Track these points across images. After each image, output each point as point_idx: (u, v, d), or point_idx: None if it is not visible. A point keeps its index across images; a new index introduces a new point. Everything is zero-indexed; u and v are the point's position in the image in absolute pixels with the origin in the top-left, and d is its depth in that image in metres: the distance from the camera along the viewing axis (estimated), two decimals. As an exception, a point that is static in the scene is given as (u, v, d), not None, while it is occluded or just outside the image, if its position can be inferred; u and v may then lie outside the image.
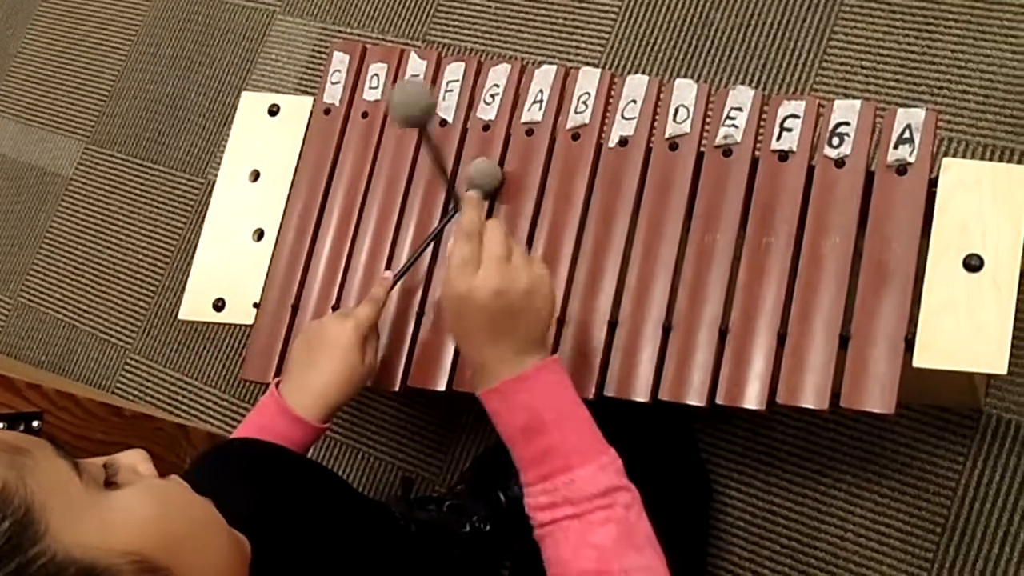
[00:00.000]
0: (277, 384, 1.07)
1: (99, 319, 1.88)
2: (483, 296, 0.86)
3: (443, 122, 1.21)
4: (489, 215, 1.06)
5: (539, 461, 0.84)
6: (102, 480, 0.63)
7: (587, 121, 1.13)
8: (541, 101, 1.16)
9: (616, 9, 1.64)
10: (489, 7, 1.74)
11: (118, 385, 1.82)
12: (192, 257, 1.30)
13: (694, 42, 1.57)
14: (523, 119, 1.16)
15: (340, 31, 1.85)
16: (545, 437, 0.84)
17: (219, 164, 1.42)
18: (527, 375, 0.86)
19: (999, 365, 0.93)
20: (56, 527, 0.57)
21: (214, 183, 1.32)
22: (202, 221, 1.33)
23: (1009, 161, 1.33)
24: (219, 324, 1.29)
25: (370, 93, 1.26)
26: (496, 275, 0.87)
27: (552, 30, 1.67)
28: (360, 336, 1.05)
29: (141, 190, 1.93)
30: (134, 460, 0.68)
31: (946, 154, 1.36)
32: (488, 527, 1.02)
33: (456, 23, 1.76)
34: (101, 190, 1.98)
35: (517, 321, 0.87)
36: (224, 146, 1.73)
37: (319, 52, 1.85)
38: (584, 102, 1.14)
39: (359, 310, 1.07)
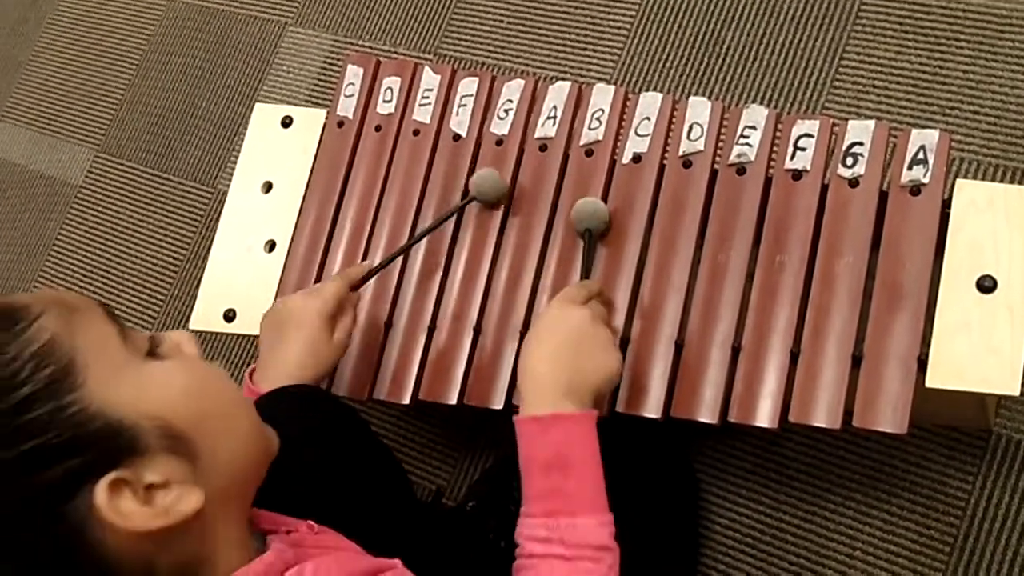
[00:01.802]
0: (251, 373, 1.05)
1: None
2: (575, 317, 0.94)
3: (456, 136, 1.21)
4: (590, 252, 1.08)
5: (549, 497, 0.86)
6: (145, 350, 0.68)
7: (600, 137, 1.14)
8: (555, 117, 1.17)
9: (628, 26, 1.64)
10: (501, 21, 1.74)
11: (125, 394, 1.81)
12: (202, 267, 1.30)
13: (706, 60, 1.57)
14: (536, 135, 1.17)
15: (352, 43, 1.86)
16: (564, 478, 0.86)
17: (230, 174, 1.43)
18: (569, 416, 0.88)
19: (1012, 386, 0.93)
20: (93, 383, 0.62)
21: (224, 193, 1.33)
22: (212, 231, 1.33)
23: (1021, 182, 1.33)
24: (229, 335, 1.29)
25: (383, 107, 1.27)
26: (594, 316, 0.95)
27: (564, 45, 1.68)
28: (326, 312, 1.03)
29: (151, 199, 1.94)
30: (180, 338, 0.72)
31: (957, 174, 1.36)
32: (503, 543, 1.02)
33: (468, 37, 1.76)
34: (111, 199, 1.98)
35: (583, 359, 0.92)
36: (235, 156, 1.74)
37: (331, 64, 1.86)
38: (598, 118, 1.15)
39: (325, 286, 1.06)
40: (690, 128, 1.10)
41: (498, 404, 1.09)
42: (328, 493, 0.87)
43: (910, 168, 1.01)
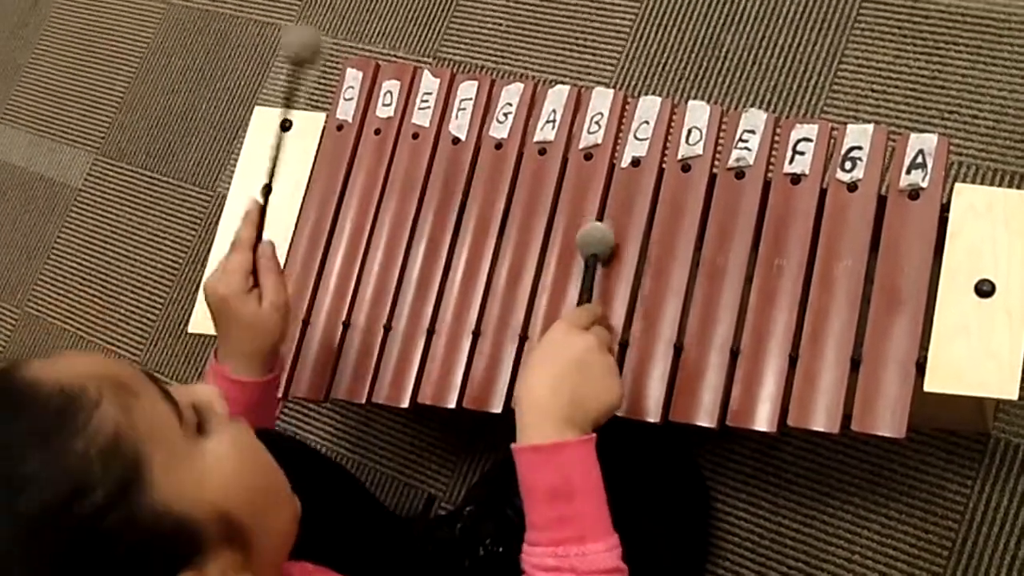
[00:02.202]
0: (215, 353, 1.05)
1: (106, 330, 1.88)
2: (575, 344, 0.92)
3: (455, 140, 1.21)
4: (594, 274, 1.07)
5: (556, 526, 0.86)
6: (195, 425, 0.64)
7: (599, 141, 1.14)
8: (554, 121, 1.17)
9: (627, 29, 1.64)
10: (501, 25, 1.74)
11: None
12: (201, 269, 1.31)
13: (705, 63, 1.57)
14: (536, 138, 1.17)
15: (351, 46, 1.86)
16: (569, 505, 0.86)
17: (229, 177, 1.42)
18: (570, 444, 0.88)
19: (1010, 390, 0.94)
20: (160, 477, 0.58)
21: (224, 196, 1.33)
22: (211, 233, 1.33)
23: (1019, 186, 1.33)
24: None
25: (383, 110, 1.27)
26: (595, 343, 0.93)
27: (564, 49, 1.68)
28: (236, 291, 1.00)
29: (150, 202, 1.94)
30: (210, 397, 0.69)
31: (956, 178, 1.36)
32: (501, 549, 1.02)
33: (468, 40, 1.76)
34: (110, 201, 1.98)
35: (584, 388, 0.91)
36: (234, 159, 1.74)
37: (330, 67, 1.86)
38: (597, 122, 1.15)
39: (230, 261, 1.03)
40: (689, 132, 1.10)
41: (497, 408, 1.09)
42: (313, 533, 0.85)
43: (909, 172, 1.01)
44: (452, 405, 1.11)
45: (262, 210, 1.07)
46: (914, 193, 1.01)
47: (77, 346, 1.89)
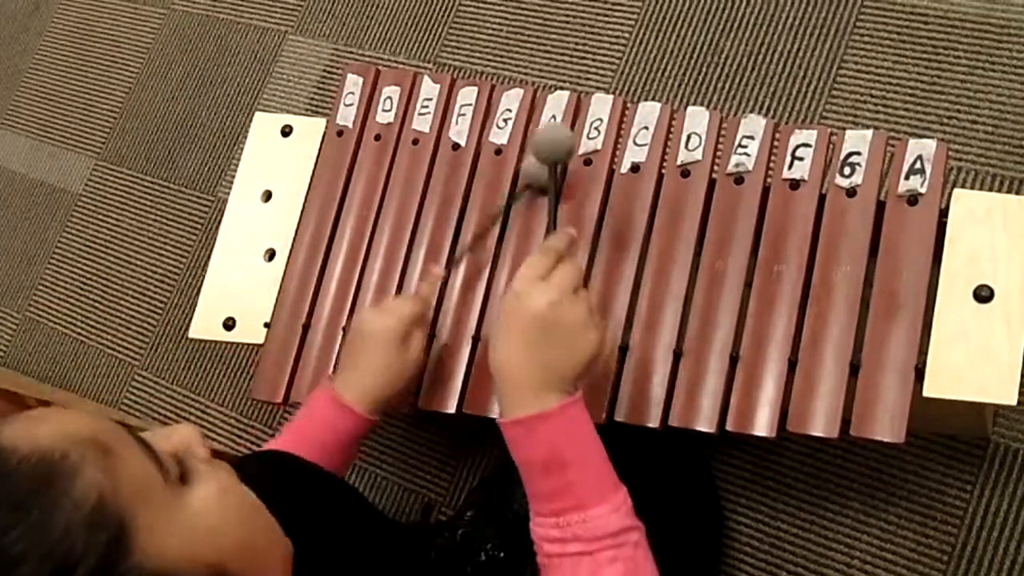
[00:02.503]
0: (331, 376, 1.07)
1: (107, 335, 1.88)
2: (535, 305, 0.86)
3: (455, 146, 1.22)
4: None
5: (554, 496, 0.84)
6: (177, 475, 0.63)
7: (599, 147, 1.14)
8: (553, 126, 1.17)
9: (627, 35, 1.65)
10: (500, 31, 1.75)
11: (125, 401, 1.82)
12: (201, 274, 1.31)
13: (704, 69, 1.58)
14: (536, 144, 1.17)
15: (351, 52, 1.86)
16: (564, 474, 0.84)
17: (229, 182, 1.41)
18: (551, 412, 0.84)
19: (1009, 396, 0.94)
20: (145, 539, 0.57)
21: (224, 201, 1.33)
22: (211, 239, 1.34)
23: (1018, 191, 1.34)
24: (229, 343, 1.29)
25: (383, 116, 1.27)
26: (555, 294, 0.86)
27: (563, 54, 1.69)
28: (400, 331, 1.04)
29: (151, 207, 1.94)
30: (189, 441, 0.68)
31: (955, 184, 1.37)
32: (502, 554, 1.02)
33: (467, 46, 1.77)
34: (111, 207, 1.99)
35: (554, 349, 0.86)
36: (235, 165, 1.74)
37: (331, 73, 1.87)
38: (596, 128, 1.15)
39: (402, 305, 1.06)
40: (688, 138, 1.11)
41: (496, 413, 1.09)
42: (317, 551, 0.85)
43: (907, 178, 1.02)
44: (452, 410, 1.11)
45: (446, 279, 1.13)
46: (913, 199, 1.01)
47: (78, 350, 1.90)
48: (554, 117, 1.17)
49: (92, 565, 0.54)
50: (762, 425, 0.99)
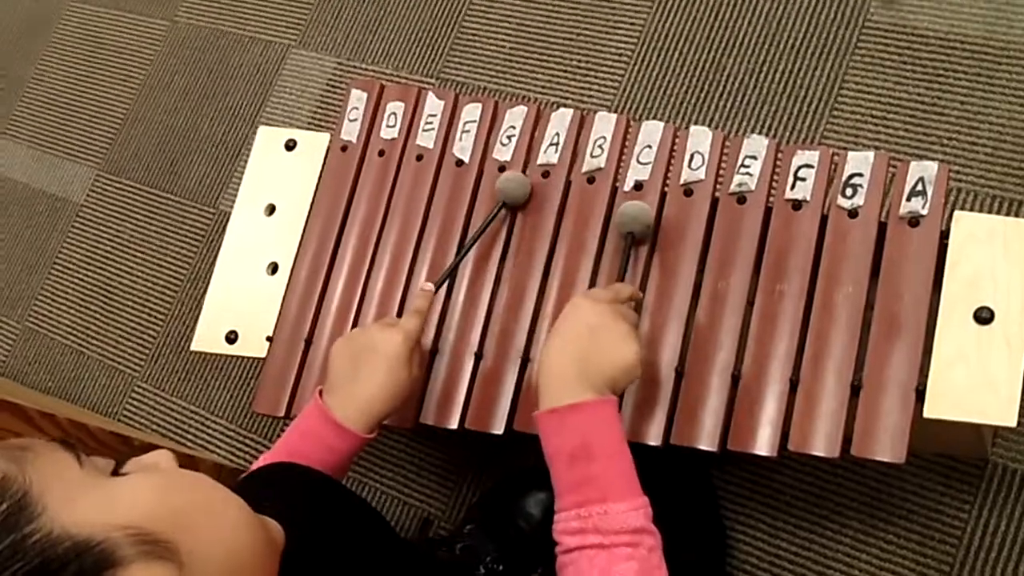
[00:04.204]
0: (320, 392, 1.05)
1: (107, 346, 1.88)
2: (591, 312, 0.94)
3: (459, 162, 1.22)
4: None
5: (578, 487, 0.86)
6: (109, 470, 0.66)
7: (603, 165, 1.15)
8: (557, 144, 1.18)
9: (630, 52, 1.66)
10: (503, 47, 1.76)
11: (124, 412, 1.82)
12: (201, 286, 1.31)
13: (707, 87, 1.59)
14: (539, 161, 1.18)
15: (354, 67, 1.87)
16: (590, 466, 0.86)
17: (231, 195, 1.42)
18: (586, 404, 0.88)
19: (1008, 417, 0.94)
20: (54, 507, 0.60)
21: (226, 213, 1.34)
22: (212, 251, 1.34)
23: (1018, 213, 1.34)
24: (230, 356, 1.30)
25: (387, 131, 1.28)
26: (608, 311, 0.95)
27: (566, 71, 1.69)
28: (408, 348, 1.04)
29: (152, 218, 1.94)
30: (159, 459, 0.70)
31: (955, 205, 1.37)
32: (501, 567, 1.03)
33: (470, 62, 1.78)
34: (112, 217, 1.99)
35: (597, 352, 0.92)
36: (236, 177, 1.75)
37: (333, 87, 1.88)
38: (600, 146, 1.16)
39: (406, 321, 1.06)
40: (691, 157, 1.11)
41: (499, 429, 1.09)
42: (322, 559, 0.85)
43: (909, 200, 1.02)
44: (454, 426, 1.11)
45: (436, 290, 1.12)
46: (914, 220, 1.02)
47: (78, 361, 1.90)
48: (558, 135, 1.18)
49: None
50: (763, 444, 0.99)
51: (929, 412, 0.96)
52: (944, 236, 1.02)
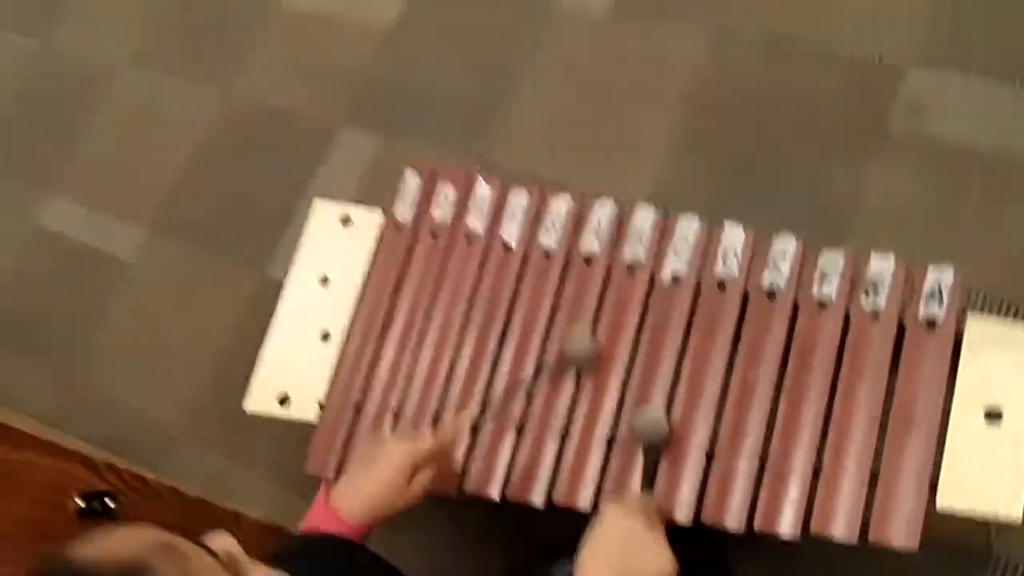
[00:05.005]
0: (328, 486, 1.13)
1: (153, 402, 1.95)
2: (629, 526, 0.97)
3: (506, 246, 1.30)
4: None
5: None
6: (234, 573, 0.71)
7: (642, 256, 1.23)
8: (598, 232, 1.26)
9: (664, 144, 1.74)
10: (541, 131, 1.84)
11: (166, 467, 1.87)
12: (250, 349, 1.37)
13: (738, 182, 1.67)
14: (582, 249, 1.26)
15: (399, 144, 1.96)
16: None
17: (277, 261, 1.46)
18: None
19: (1014, 513, 1.01)
20: None
21: (273, 280, 1.39)
22: (259, 314, 1.40)
23: (1026, 316, 1.42)
24: (283, 419, 1.36)
25: (439, 213, 1.36)
26: (649, 523, 0.98)
27: (601, 159, 1.77)
28: (411, 462, 1.10)
29: (198, 279, 2.02)
30: (228, 545, 0.75)
31: (969, 306, 1.45)
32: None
33: (509, 144, 1.86)
34: (159, 276, 2.07)
35: (637, 568, 0.95)
36: (283, 244, 1.83)
37: (379, 162, 1.96)
38: (639, 239, 1.24)
39: (421, 439, 1.12)
40: (725, 254, 1.20)
41: (538, 501, 1.16)
42: None
43: (926, 303, 1.10)
44: (496, 497, 1.18)
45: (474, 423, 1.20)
46: (931, 323, 1.10)
47: (123, 418, 1.97)
48: (600, 222, 1.26)
49: None
50: (787, 526, 1.06)
51: (942, 504, 1.03)
52: (958, 336, 1.10)
